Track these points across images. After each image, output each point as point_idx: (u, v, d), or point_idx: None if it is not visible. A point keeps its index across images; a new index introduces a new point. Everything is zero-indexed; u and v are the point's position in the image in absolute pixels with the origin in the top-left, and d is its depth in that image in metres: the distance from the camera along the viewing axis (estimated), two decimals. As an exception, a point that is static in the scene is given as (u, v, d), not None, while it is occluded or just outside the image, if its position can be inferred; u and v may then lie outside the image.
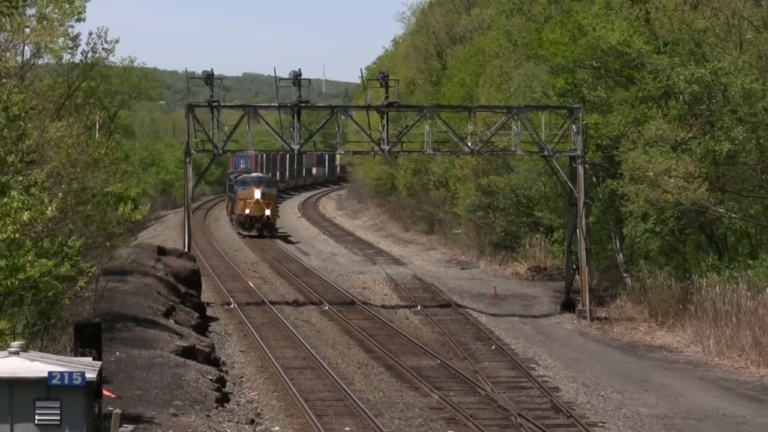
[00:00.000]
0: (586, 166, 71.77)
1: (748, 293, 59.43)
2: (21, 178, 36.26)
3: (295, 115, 72.56)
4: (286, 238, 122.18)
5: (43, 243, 36.46)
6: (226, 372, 51.03)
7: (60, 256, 37.53)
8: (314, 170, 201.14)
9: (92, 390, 24.86)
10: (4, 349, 25.52)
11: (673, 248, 71.72)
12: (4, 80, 42.28)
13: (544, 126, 72.90)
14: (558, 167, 73.90)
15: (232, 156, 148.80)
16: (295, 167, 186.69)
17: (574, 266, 72.95)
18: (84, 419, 24.14)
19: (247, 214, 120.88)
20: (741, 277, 61.33)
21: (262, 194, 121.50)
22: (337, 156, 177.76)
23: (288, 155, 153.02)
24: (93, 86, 60.79)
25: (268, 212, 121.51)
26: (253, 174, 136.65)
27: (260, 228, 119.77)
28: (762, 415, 43.67)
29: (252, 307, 71.06)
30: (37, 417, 23.96)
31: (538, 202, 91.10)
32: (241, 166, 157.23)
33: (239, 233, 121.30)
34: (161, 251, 74.23)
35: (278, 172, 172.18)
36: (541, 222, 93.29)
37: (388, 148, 74.41)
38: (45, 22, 50.28)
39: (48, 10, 50.02)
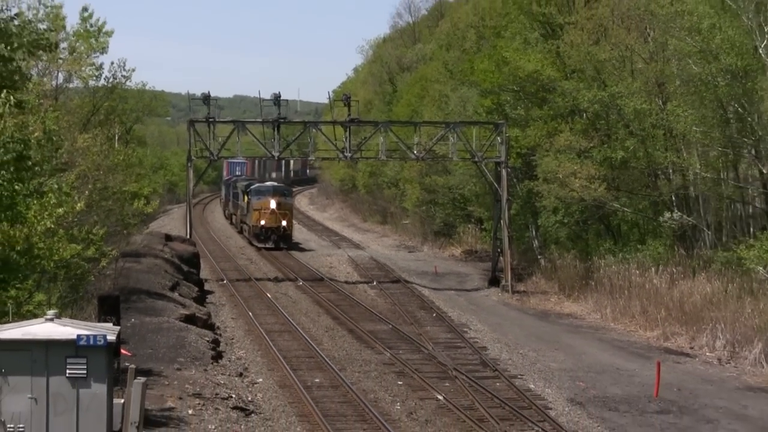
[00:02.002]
0: (509, 170, 71.81)
1: (637, 271, 59.71)
2: (55, 180, 36.14)
3: (276, 129, 72.60)
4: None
5: (73, 231, 36.34)
6: (220, 335, 50.93)
7: (87, 241, 37.42)
8: (292, 173, 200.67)
9: (112, 349, 24.73)
10: (41, 317, 25.39)
11: (577, 235, 71.86)
12: (42, 100, 42.06)
13: (475, 138, 72.99)
14: (486, 171, 73.86)
15: (227, 162, 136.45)
16: (283, 171, 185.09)
17: (499, 250, 73.00)
18: (105, 373, 24.03)
19: (262, 226, 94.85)
20: (632, 259, 61.60)
21: (278, 204, 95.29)
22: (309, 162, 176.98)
23: (274, 162, 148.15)
24: (113, 105, 60.49)
25: (284, 223, 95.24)
26: (268, 183, 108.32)
27: (276, 240, 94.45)
28: (647, 369, 43.78)
29: (241, 283, 70.99)
30: (67, 371, 23.82)
31: (470, 198, 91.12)
32: (237, 172, 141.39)
33: (254, 246, 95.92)
34: (168, 238, 74.03)
35: (266, 174, 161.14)
36: (472, 214, 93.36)
37: (350, 155, 74.56)
38: (75, 53, 50.10)
39: (78, 44, 49.86)
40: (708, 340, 49.97)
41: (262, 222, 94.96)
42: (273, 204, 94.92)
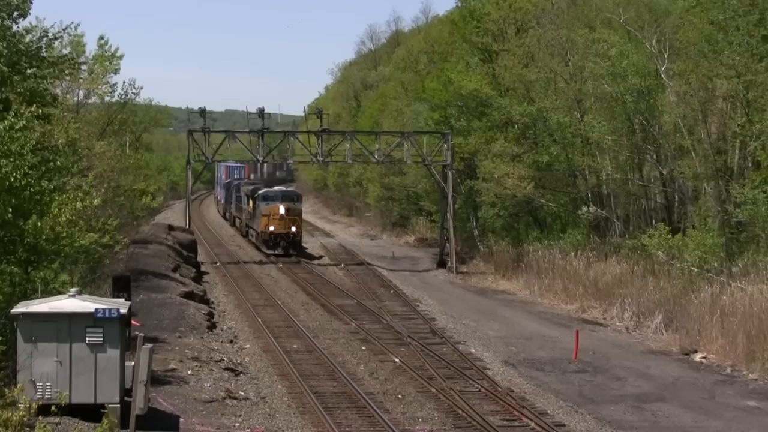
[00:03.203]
0: (453, 171, 71.82)
1: (559, 256, 59.86)
2: (77, 179, 36.10)
3: (260, 137, 72.54)
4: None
5: (91, 222, 36.26)
6: (214, 308, 50.82)
7: (103, 231, 37.31)
8: (277, 173, 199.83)
9: (124, 320, 24.70)
10: (65, 294, 25.35)
11: (510, 226, 71.97)
12: (65, 114, 41.94)
13: (426, 145, 73.02)
14: (434, 172, 73.97)
15: (225, 167, 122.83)
16: (268, 172, 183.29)
17: (446, 238, 73.05)
18: (119, 340, 24.00)
19: (271, 232, 78.58)
20: (555, 245, 61.72)
21: (287, 210, 79.03)
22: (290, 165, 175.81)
23: (264, 165, 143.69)
24: (125, 118, 60.31)
25: (293, 229, 79.05)
26: (276, 188, 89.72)
27: (286, 247, 78.09)
28: (567, 335, 43.95)
29: (231, 265, 70.82)
30: (87, 338, 23.77)
31: (421, 195, 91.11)
32: (236, 175, 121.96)
33: (264, 252, 79.13)
34: (170, 228, 73.93)
35: (258, 176, 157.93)
36: (423, 208, 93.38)
37: (322, 158, 74.60)
38: (93, 74, 49.99)
39: (95, 66, 49.81)
40: (617, 312, 50.23)
41: (271, 228, 78.04)
42: (282, 209, 78.27)
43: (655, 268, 51.01)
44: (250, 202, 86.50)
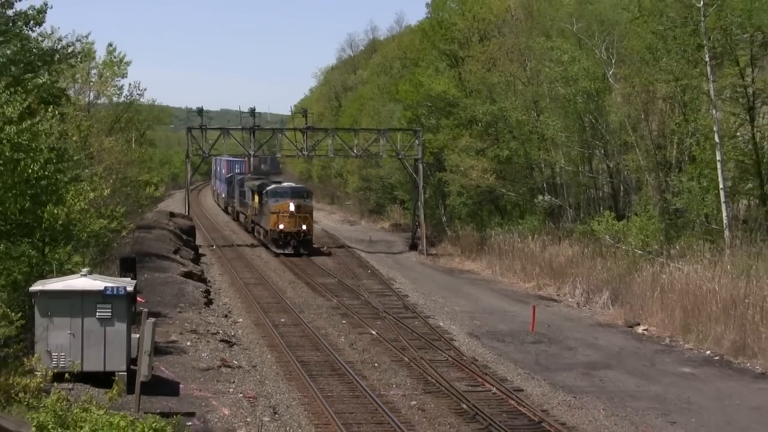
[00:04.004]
0: (424, 164, 71.82)
1: (518, 239, 59.93)
2: (88, 171, 36.03)
3: (252, 134, 72.46)
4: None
5: (101, 210, 36.25)
6: (210, 286, 50.76)
7: (111, 217, 37.28)
8: (262, 166, 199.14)
9: (131, 297, 24.73)
10: (78, 273, 25.35)
11: (475, 213, 71.99)
12: (77, 113, 41.86)
13: (399, 140, 72.99)
14: (407, 165, 74.01)
15: (226, 161, 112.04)
16: (254, 165, 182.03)
17: (417, 223, 73.11)
18: (125, 315, 24.02)
19: (281, 230, 67.58)
20: (514, 230, 61.79)
21: (297, 207, 68.12)
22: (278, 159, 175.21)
23: (250, 159, 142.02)
24: (131, 116, 60.18)
25: (304, 227, 68.09)
26: (285, 184, 76.46)
27: (296, 246, 67.30)
28: (525, 310, 44.05)
29: (226, 248, 70.69)
30: (97, 313, 23.80)
31: (395, 185, 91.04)
32: (236, 170, 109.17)
33: (273, 251, 67.98)
34: (172, 214, 73.71)
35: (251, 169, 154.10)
36: (397, 197, 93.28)
37: (307, 153, 74.50)
38: (102, 77, 49.90)
39: (104, 71, 49.75)
40: (569, 289, 50.41)
41: (281, 226, 66.97)
42: (292, 206, 67.22)
43: (603, 250, 51.18)
44: (256, 197, 75.62)
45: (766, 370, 33.78)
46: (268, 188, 71.04)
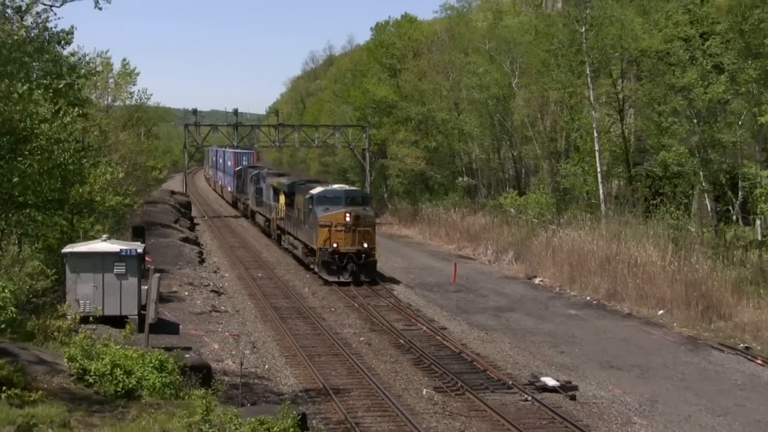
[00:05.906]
0: (370, 153, 71.78)
1: (443, 211, 60.07)
2: (105, 158, 35.71)
3: (235, 129, 72.19)
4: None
5: (117, 189, 35.99)
6: (203, 248, 50.53)
7: (125, 195, 37.02)
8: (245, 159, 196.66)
9: (141, 257, 24.62)
10: (99, 239, 25.23)
11: (409, 191, 72.04)
12: (98, 112, 41.41)
13: (351, 134, 72.92)
14: (357, 154, 74.00)
15: (233, 153, 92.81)
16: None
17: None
18: (137, 271, 23.93)
19: (335, 250, 38.13)
20: (440, 204, 62.06)
21: (356, 218, 38.25)
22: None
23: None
24: (140, 115, 59.60)
25: (365, 245, 38.27)
26: (336, 186, 42.47)
27: (355, 271, 38.06)
28: (448, 266, 44.17)
29: (216, 219, 70.24)
30: (114, 270, 23.68)
31: (348, 170, 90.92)
32: (244, 162, 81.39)
33: (323, 279, 38.87)
34: (172, 192, 73.26)
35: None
36: (349, 179, 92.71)
37: (278, 144, 74.38)
38: (117, 85, 49.42)
39: (119, 79, 49.24)
40: (483, 250, 50.70)
41: (335, 245, 38.30)
42: (349, 218, 38.29)
43: (509, 219, 51.62)
44: (282, 198, 48.09)
45: (631, 311, 34.43)
46: (314, 192, 40.49)
